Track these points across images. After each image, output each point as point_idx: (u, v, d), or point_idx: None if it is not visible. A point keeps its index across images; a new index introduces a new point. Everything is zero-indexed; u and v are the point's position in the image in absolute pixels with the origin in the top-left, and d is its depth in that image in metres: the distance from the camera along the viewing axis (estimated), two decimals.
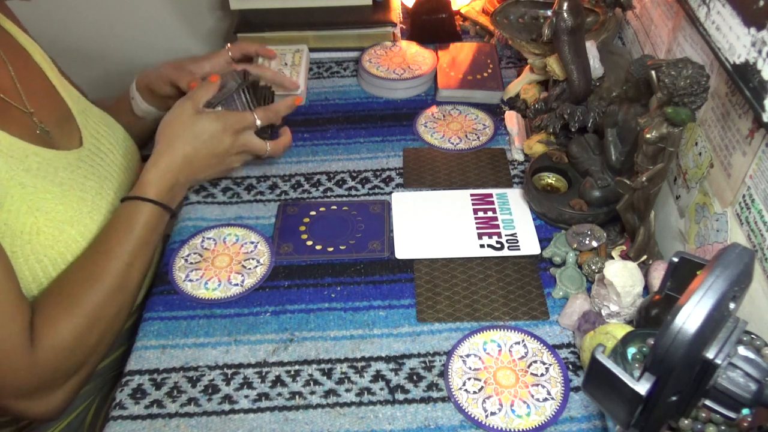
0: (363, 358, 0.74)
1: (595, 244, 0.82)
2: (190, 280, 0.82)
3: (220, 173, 0.90)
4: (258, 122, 0.88)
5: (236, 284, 0.82)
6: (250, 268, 0.84)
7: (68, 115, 0.84)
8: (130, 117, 0.98)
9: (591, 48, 0.91)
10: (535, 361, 0.72)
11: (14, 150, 0.71)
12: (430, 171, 0.97)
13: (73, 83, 0.94)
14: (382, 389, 0.71)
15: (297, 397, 0.70)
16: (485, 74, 1.12)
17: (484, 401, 0.69)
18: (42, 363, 0.68)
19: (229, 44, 1.03)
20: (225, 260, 0.85)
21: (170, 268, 0.84)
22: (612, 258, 0.82)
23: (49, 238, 0.72)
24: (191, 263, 0.84)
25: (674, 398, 0.44)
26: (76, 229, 0.74)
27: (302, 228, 0.88)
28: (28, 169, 0.72)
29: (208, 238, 0.88)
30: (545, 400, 0.69)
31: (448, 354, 0.73)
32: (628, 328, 0.65)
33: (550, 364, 0.72)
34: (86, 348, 0.72)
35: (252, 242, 0.87)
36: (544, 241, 0.86)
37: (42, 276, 0.72)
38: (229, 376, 0.72)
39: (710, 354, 0.43)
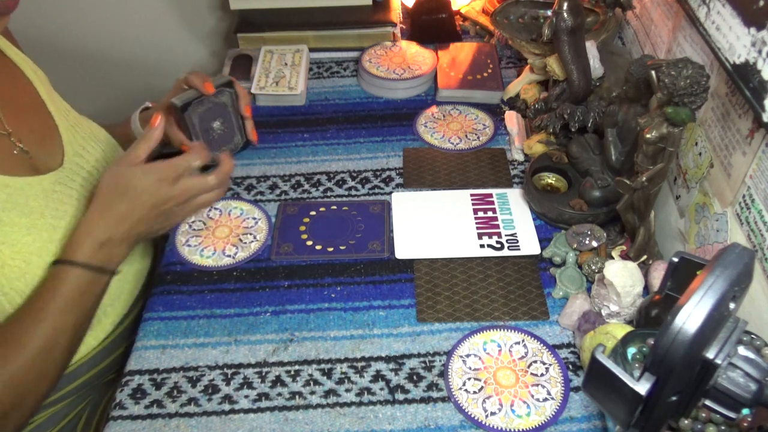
0: (363, 358, 0.74)
1: (595, 244, 0.82)
2: (189, 245, 0.86)
3: (168, 224, 0.79)
4: (197, 163, 0.78)
5: (229, 255, 0.85)
6: (245, 243, 0.86)
7: (53, 132, 0.82)
8: (131, 137, 0.92)
9: (591, 48, 0.91)
10: (535, 361, 0.72)
11: None
12: (430, 171, 0.97)
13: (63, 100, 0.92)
14: (382, 389, 0.71)
15: (297, 397, 0.70)
16: (485, 74, 1.12)
17: (484, 401, 0.69)
18: None
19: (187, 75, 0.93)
20: (225, 231, 0.88)
21: (174, 230, 0.87)
22: (612, 258, 0.82)
23: (15, 271, 0.70)
24: (194, 230, 0.88)
25: (674, 398, 0.44)
26: (44, 259, 0.72)
27: (302, 228, 0.88)
28: None
29: (216, 208, 0.91)
30: (545, 400, 0.69)
31: (448, 354, 0.73)
32: (628, 328, 0.65)
33: (550, 364, 0.72)
34: (1, 413, 0.67)
35: (254, 218, 0.90)
36: (544, 241, 0.86)
37: (9, 307, 0.71)
38: (229, 376, 0.72)
39: (710, 354, 0.43)
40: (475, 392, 0.70)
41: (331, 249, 0.85)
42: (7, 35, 0.85)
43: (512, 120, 1.02)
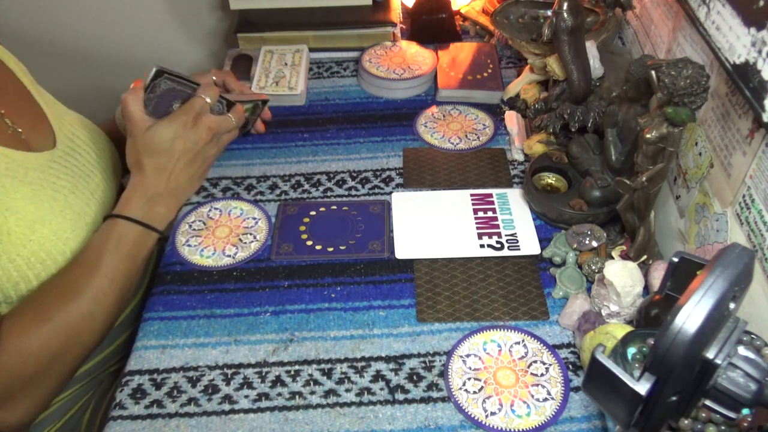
0: (363, 358, 0.74)
1: (595, 244, 0.82)
2: (189, 245, 0.86)
3: (202, 169, 0.88)
4: (207, 99, 0.85)
5: (228, 255, 0.85)
6: (245, 243, 0.86)
7: (42, 117, 0.84)
8: (118, 131, 0.97)
9: (591, 48, 0.91)
10: (535, 361, 0.72)
11: None
12: (430, 171, 0.97)
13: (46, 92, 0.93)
14: (382, 389, 0.71)
15: (297, 397, 0.70)
16: (485, 74, 1.12)
17: (484, 401, 0.69)
18: (4, 366, 0.68)
19: (213, 69, 1.01)
20: (225, 231, 0.88)
21: (174, 230, 0.87)
22: (612, 258, 0.82)
23: (21, 238, 0.72)
24: (194, 230, 0.88)
25: (674, 398, 0.44)
26: (48, 228, 0.74)
27: (302, 228, 0.88)
28: None
29: (216, 208, 0.91)
30: (545, 400, 0.69)
31: (448, 354, 0.73)
32: (628, 328, 0.65)
33: (550, 364, 0.72)
34: (51, 357, 0.72)
35: (254, 218, 0.90)
36: (544, 241, 0.86)
37: (16, 275, 0.72)
38: (229, 376, 0.72)
39: (710, 354, 0.43)
40: (475, 392, 0.70)
41: (331, 249, 0.85)
42: None
43: (512, 120, 1.02)
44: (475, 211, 0.90)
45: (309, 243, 0.86)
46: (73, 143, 0.84)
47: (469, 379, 0.71)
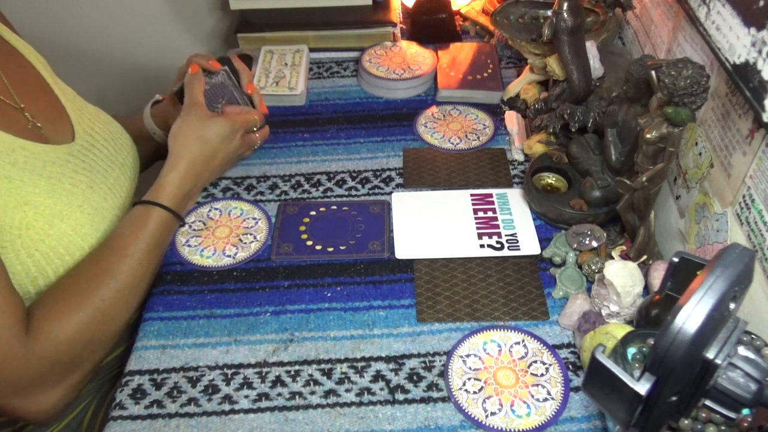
0: (363, 358, 0.74)
1: (595, 244, 0.82)
2: (189, 246, 0.86)
3: (224, 172, 0.96)
4: (258, 123, 0.93)
5: (229, 256, 0.85)
6: (245, 243, 0.86)
7: (61, 111, 0.84)
8: (144, 131, 0.99)
9: (591, 48, 0.91)
10: (535, 361, 0.72)
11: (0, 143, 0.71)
12: (430, 171, 0.97)
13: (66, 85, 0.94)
14: (382, 389, 0.71)
15: (297, 397, 0.70)
16: (485, 74, 1.12)
17: (484, 401, 0.69)
18: (39, 354, 0.67)
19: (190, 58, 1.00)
20: (225, 231, 0.88)
21: (174, 230, 0.87)
22: (612, 258, 0.82)
23: (40, 233, 0.72)
24: (194, 230, 0.88)
25: (674, 398, 0.44)
26: (66, 223, 0.74)
27: (302, 228, 0.88)
28: (15, 162, 0.71)
29: (216, 208, 0.91)
30: (545, 400, 0.69)
31: (448, 354, 0.73)
32: (628, 328, 0.65)
33: (550, 364, 0.72)
34: (86, 343, 0.72)
35: (254, 218, 0.90)
36: (544, 241, 0.86)
37: (35, 270, 0.72)
38: (229, 376, 0.72)
39: (710, 354, 0.43)
40: (475, 392, 0.70)
41: (331, 249, 0.85)
42: (4, 22, 0.86)
43: (512, 120, 1.02)
44: (475, 211, 0.90)
45: (309, 243, 0.86)
46: (91, 138, 0.85)
47: (469, 379, 0.71)
